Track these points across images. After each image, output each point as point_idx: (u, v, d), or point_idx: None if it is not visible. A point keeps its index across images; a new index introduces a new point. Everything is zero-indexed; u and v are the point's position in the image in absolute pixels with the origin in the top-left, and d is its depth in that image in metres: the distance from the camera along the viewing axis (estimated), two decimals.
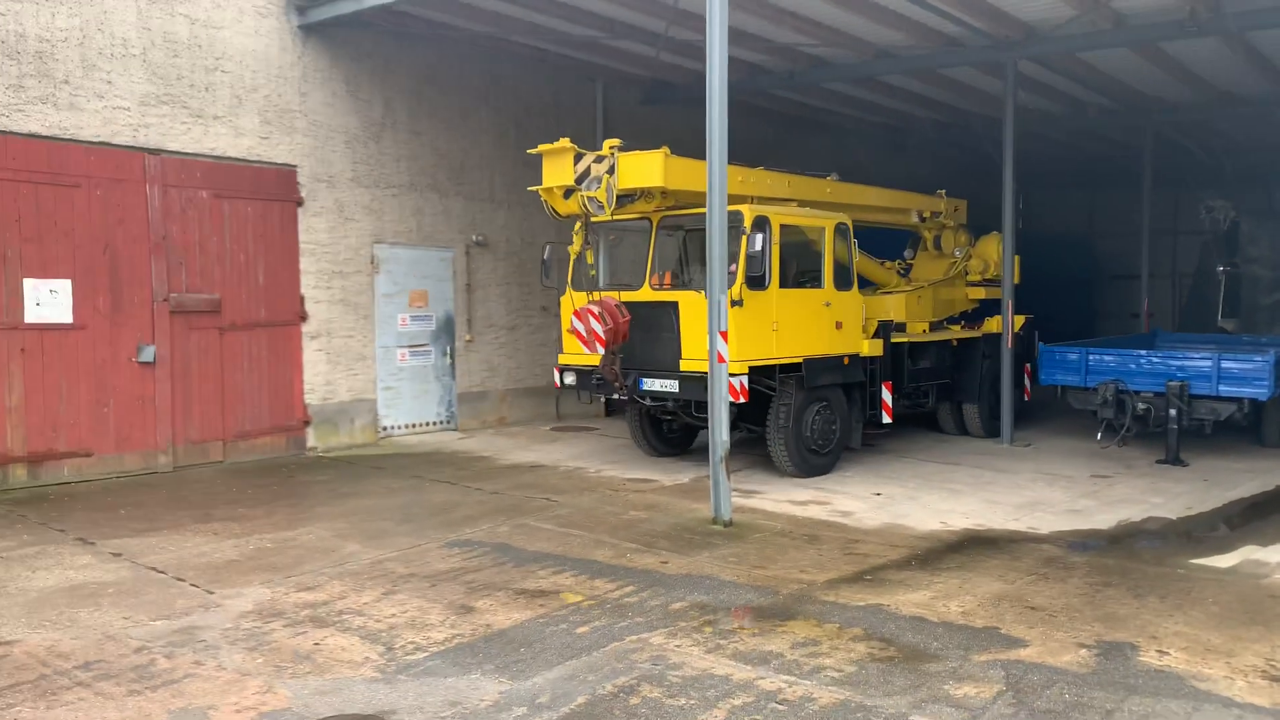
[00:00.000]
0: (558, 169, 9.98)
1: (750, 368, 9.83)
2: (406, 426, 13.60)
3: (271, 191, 11.87)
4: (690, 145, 10.69)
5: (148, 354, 10.83)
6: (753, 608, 6.33)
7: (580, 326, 10.30)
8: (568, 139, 10.00)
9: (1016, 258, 13.69)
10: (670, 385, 10.08)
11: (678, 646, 5.60)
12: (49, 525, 8.54)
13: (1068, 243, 25.22)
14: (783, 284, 10.32)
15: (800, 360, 10.37)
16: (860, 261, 12.57)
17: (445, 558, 7.55)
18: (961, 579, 6.96)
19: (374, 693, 5.01)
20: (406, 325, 13.63)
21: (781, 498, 9.71)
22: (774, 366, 10.18)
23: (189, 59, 11.22)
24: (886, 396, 11.54)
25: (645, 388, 10.23)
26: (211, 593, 6.66)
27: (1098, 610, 6.27)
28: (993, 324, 13.62)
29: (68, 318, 10.29)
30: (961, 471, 11.15)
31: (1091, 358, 12.25)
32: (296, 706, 4.84)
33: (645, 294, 10.42)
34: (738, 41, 12.52)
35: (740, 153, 9.81)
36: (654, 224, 10.60)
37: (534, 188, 10.39)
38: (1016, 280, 13.68)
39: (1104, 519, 8.87)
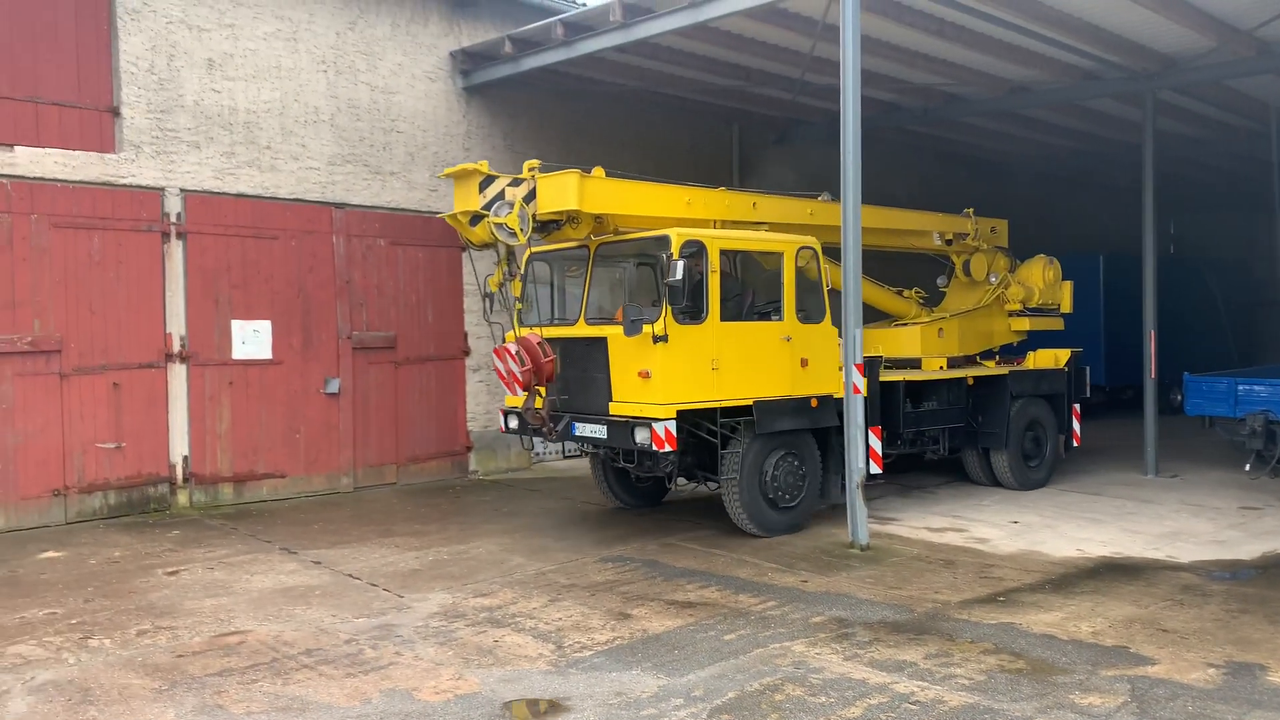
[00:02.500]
0: (464, 194, 9.05)
1: (683, 412, 8.76)
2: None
3: (439, 238, 13.06)
4: (826, 180, 11.29)
5: (333, 386, 12.10)
6: (888, 623, 6.78)
7: (500, 366, 9.34)
8: (475, 163, 9.17)
9: (1068, 284, 13.09)
10: (599, 431, 9.06)
11: (818, 654, 6.13)
12: (257, 537, 9.74)
13: (1222, 268, 24.31)
14: (730, 316, 9.27)
15: (750, 403, 9.14)
16: (870, 291, 11.87)
17: (601, 571, 8.29)
18: (1094, 602, 7.21)
19: (549, 682, 5.74)
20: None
21: (918, 524, 10.06)
22: (715, 410, 9.01)
23: (369, 122, 12.54)
24: (875, 443, 9.89)
25: (578, 433, 9.25)
26: (401, 596, 7.58)
27: (1231, 634, 6.44)
28: (1038, 359, 12.48)
29: (268, 354, 11.65)
30: (1103, 502, 11.19)
31: (1241, 388, 12.06)
32: (485, 691, 5.61)
33: (578, 329, 9.46)
34: (871, 83, 13.04)
35: (875, 185, 10.31)
36: (591, 252, 9.56)
37: (442, 214, 9.67)
38: (1068, 308, 13.07)
39: (1249, 550, 8.86)
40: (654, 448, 8.53)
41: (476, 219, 8.94)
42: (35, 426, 10.15)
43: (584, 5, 13.25)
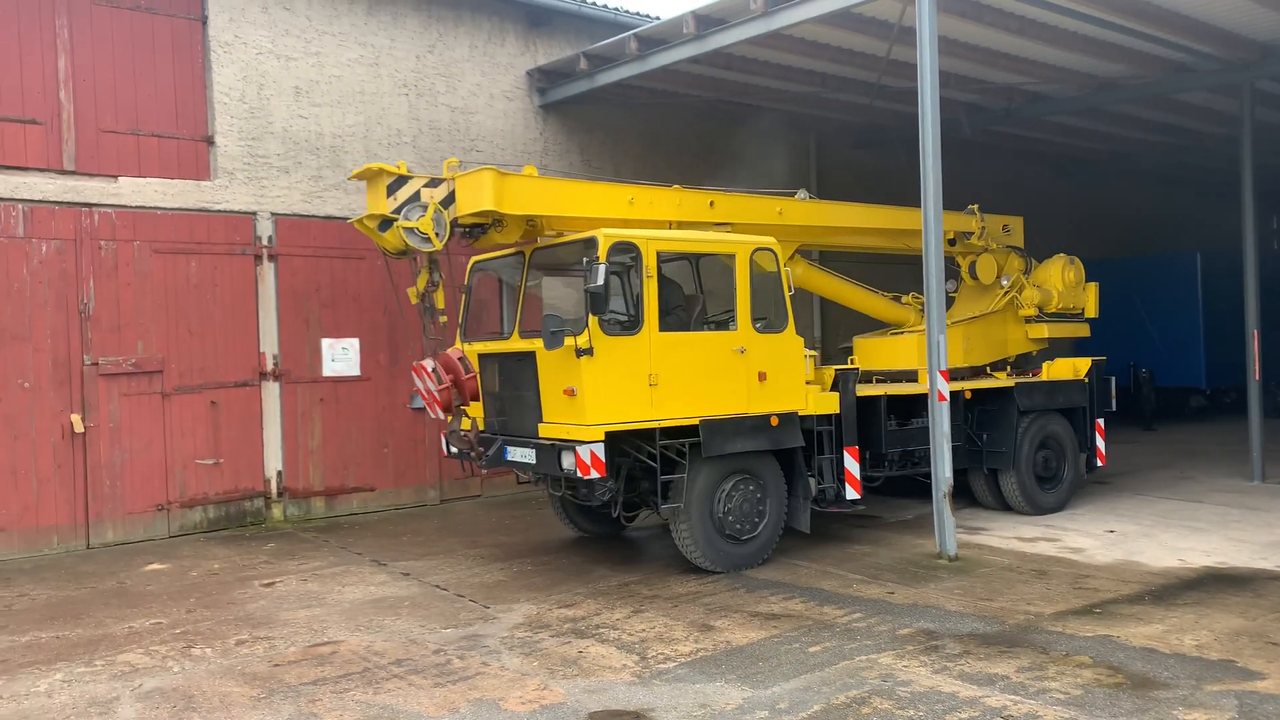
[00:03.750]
0: (374, 198, 8.45)
1: (620, 434, 7.92)
2: None
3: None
4: (905, 184, 11.11)
5: (419, 402, 12.34)
6: (978, 635, 6.62)
7: (419, 385, 8.80)
8: (383, 163, 8.69)
9: (1092, 286, 11.96)
10: (529, 455, 8.25)
11: (905, 666, 6.02)
12: (348, 549, 9.99)
13: None
14: (676, 325, 8.47)
15: (696, 422, 8.18)
16: (861, 297, 11.28)
17: (683, 582, 8.28)
18: (1198, 614, 6.92)
19: (633, 694, 5.75)
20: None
21: (1009, 534, 9.80)
22: (654, 431, 8.04)
23: (449, 142, 12.82)
24: (851, 465, 9.06)
25: (510, 457, 8.51)
26: (487, 607, 7.69)
27: None
28: (1055, 369, 11.32)
29: (356, 371, 11.98)
30: (1204, 509, 10.74)
31: None
32: (570, 702, 5.65)
33: (510, 344, 8.59)
34: (950, 84, 12.82)
35: (955, 187, 10.09)
36: (526, 259, 8.76)
37: (351, 220, 8.97)
38: (1093, 313, 11.96)
39: None
40: (579, 474, 7.67)
41: (388, 224, 8.30)
42: (140, 444, 10.61)
43: (657, 18, 13.33)
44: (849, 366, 9.49)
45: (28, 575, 9.19)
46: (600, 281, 7.61)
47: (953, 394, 9.91)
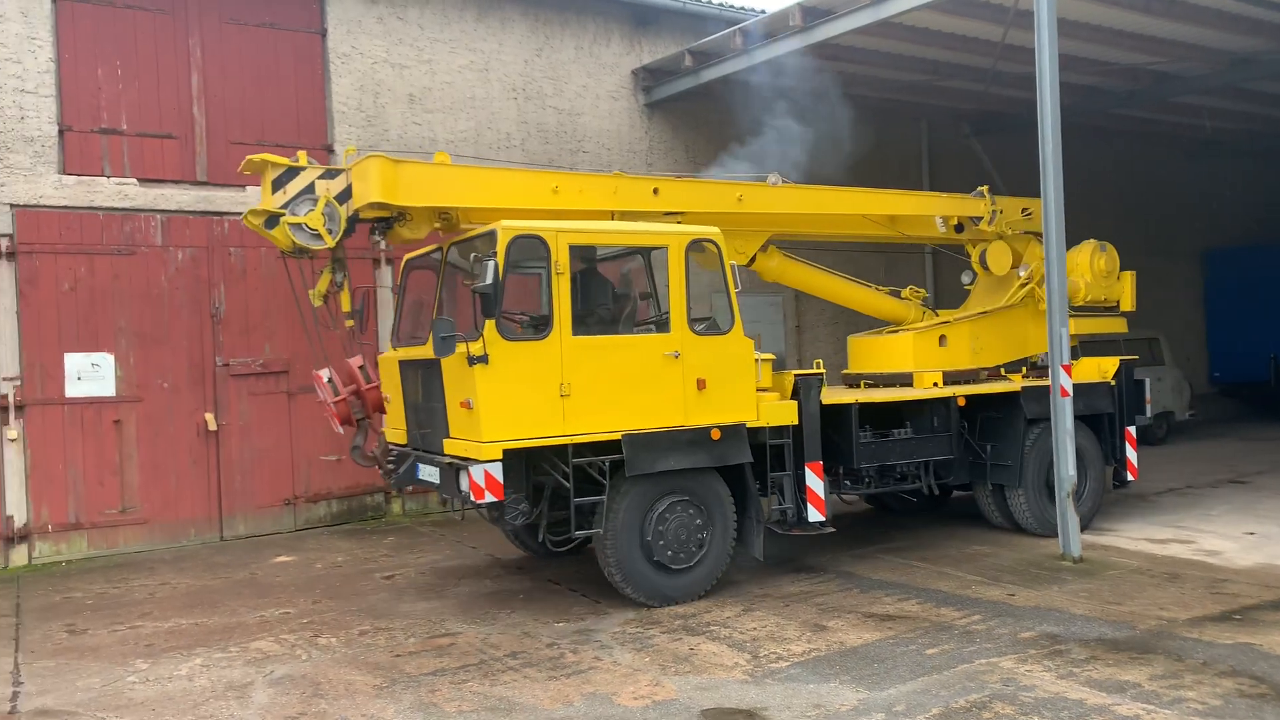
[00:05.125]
0: (264, 192, 7.76)
1: (525, 451, 7.08)
2: None
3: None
4: (1025, 172, 10.65)
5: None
6: (1106, 640, 6.34)
7: (321, 395, 8.19)
8: (269, 155, 7.85)
9: (1128, 275, 10.46)
10: (434, 474, 7.51)
11: (1028, 671, 5.82)
12: (464, 543, 10.25)
13: None
14: (599, 328, 7.65)
15: (619, 437, 7.26)
16: (851, 291, 10.30)
17: (794, 581, 8.19)
18: None
19: (745, 692, 5.72)
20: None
21: (1138, 535, 9.37)
22: (566, 448, 7.17)
23: (556, 144, 12.99)
24: (814, 483, 8.08)
25: (420, 475, 7.77)
26: (598, 602, 7.76)
27: None
28: (1080, 370, 9.91)
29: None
30: None
31: None
32: (682, 698, 5.66)
33: (424, 350, 7.39)
34: (1070, 67, 12.32)
35: (1075, 175, 9.65)
36: (444, 253, 7.95)
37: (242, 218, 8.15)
38: (1129, 305, 10.53)
39: None
40: (471, 498, 6.89)
41: (276, 221, 7.59)
42: (269, 442, 11.11)
43: (763, 12, 13.21)
44: (811, 371, 8.34)
45: (169, 565, 9.73)
46: (490, 280, 6.85)
47: (945, 401, 9.08)
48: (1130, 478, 10.04)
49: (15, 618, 7.94)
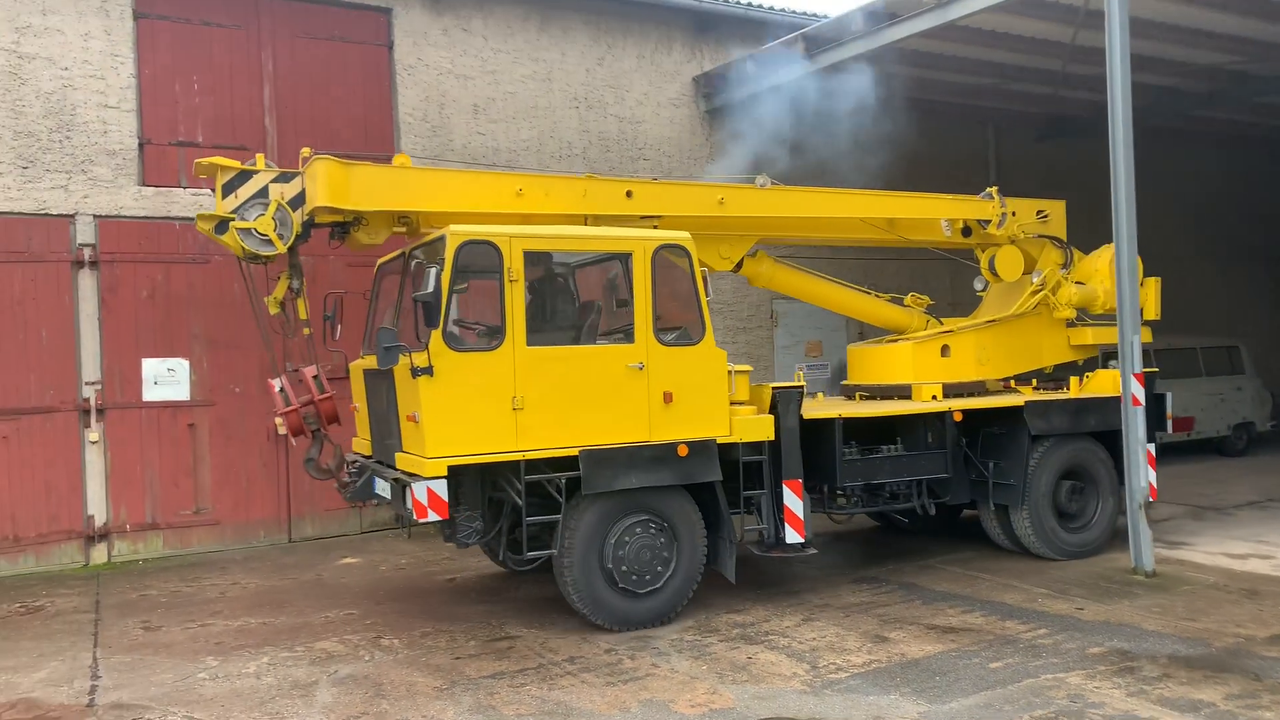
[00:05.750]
0: (217, 197, 7.50)
1: (461, 467, 6.75)
2: None
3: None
4: (1097, 176, 10.33)
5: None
6: (1180, 657, 6.14)
7: (277, 405, 7.92)
8: (219, 158, 7.57)
9: (1153, 282, 9.70)
10: (385, 489, 7.23)
11: (1096, 688, 5.66)
12: None
13: None
14: (559, 338, 7.39)
15: (576, 453, 6.93)
16: (850, 299, 9.89)
17: (855, 591, 8.09)
18: None
19: (803, 702, 5.67)
20: (803, 374, 14.45)
21: (1215, 549, 9.07)
22: (519, 464, 6.82)
23: (618, 152, 13.06)
24: (793, 502, 7.66)
25: (376, 489, 7.45)
26: None
27: None
28: (1095, 382, 9.36)
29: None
30: None
31: None
32: (739, 707, 5.63)
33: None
34: (1144, 68, 12.02)
35: (1149, 179, 9.35)
36: (405, 259, 7.65)
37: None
38: (1154, 314, 9.71)
39: None
40: (414, 516, 6.59)
41: (225, 226, 7.35)
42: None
43: (825, 17, 13.12)
44: (789, 384, 7.89)
45: (239, 565, 9.99)
46: (431, 288, 6.58)
47: (940, 415, 8.56)
48: (1150, 499, 8.95)
49: (94, 614, 8.23)
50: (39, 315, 10.10)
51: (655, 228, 7.98)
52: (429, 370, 6.54)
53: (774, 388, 7.80)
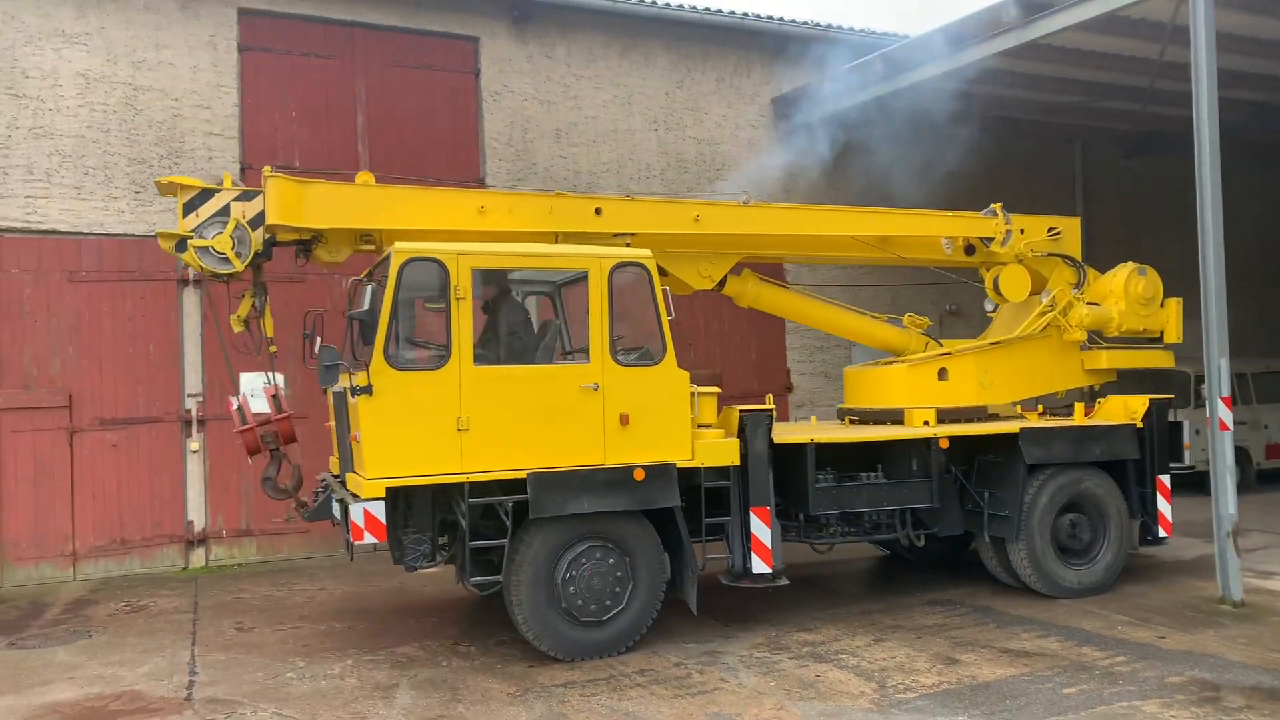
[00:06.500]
0: (178, 215, 7.42)
1: (404, 489, 6.65)
2: None
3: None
4: (1190, 193, 10.06)
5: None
6: (1265, 689, 5.98)
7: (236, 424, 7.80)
8: (179, 176, 7.67)
9: (1174, 303, 9.40)
10: (338, 510, 7.09)
11: (1173, 716, 5.56)
12: None
13: None
14: (501, 357, 7.17)
15: (524, 476, 6.74)
16: (843, 320, 9.49)
17: (928, 614, 8.05)
18: None
19: None
20: None
21: None
22: (463, 486, 6.67)
23: (695, 172, 13.25)
24: (761, 530, 7.35)
25: (333, 510, 7.29)
26: (727, 626, 7.85)
27: None
28: (1105, 409, 9.00)
29: None
30: None
31: None
32: None
33: (344, 379, 6.95)
34: (1235, 84, 11.73)
35: (1243, 197, 9.13)
36: (371, 276, 7.49)
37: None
38: (1174, 337, 9.40)
39: None
40: (349, 538, 6.52)
41: (185, 245, 7.30)
42: None
43: (905, 37, 13.12)
44: (757, 407, 7.60)
45: (326, 572, 10.39)
46: (367, 306, 6.62)
47: (918, 442, 8.16)
48: (1163, 534, 8.77)
49: (193, 614, 8.68)
50: (147, 331, 10.72)
51: (628, 245, 7.78)
52: (368, 389, 6.48)
53: (742, 411, 7.53)
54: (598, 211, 7.84)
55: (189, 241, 7.26)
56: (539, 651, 7.11)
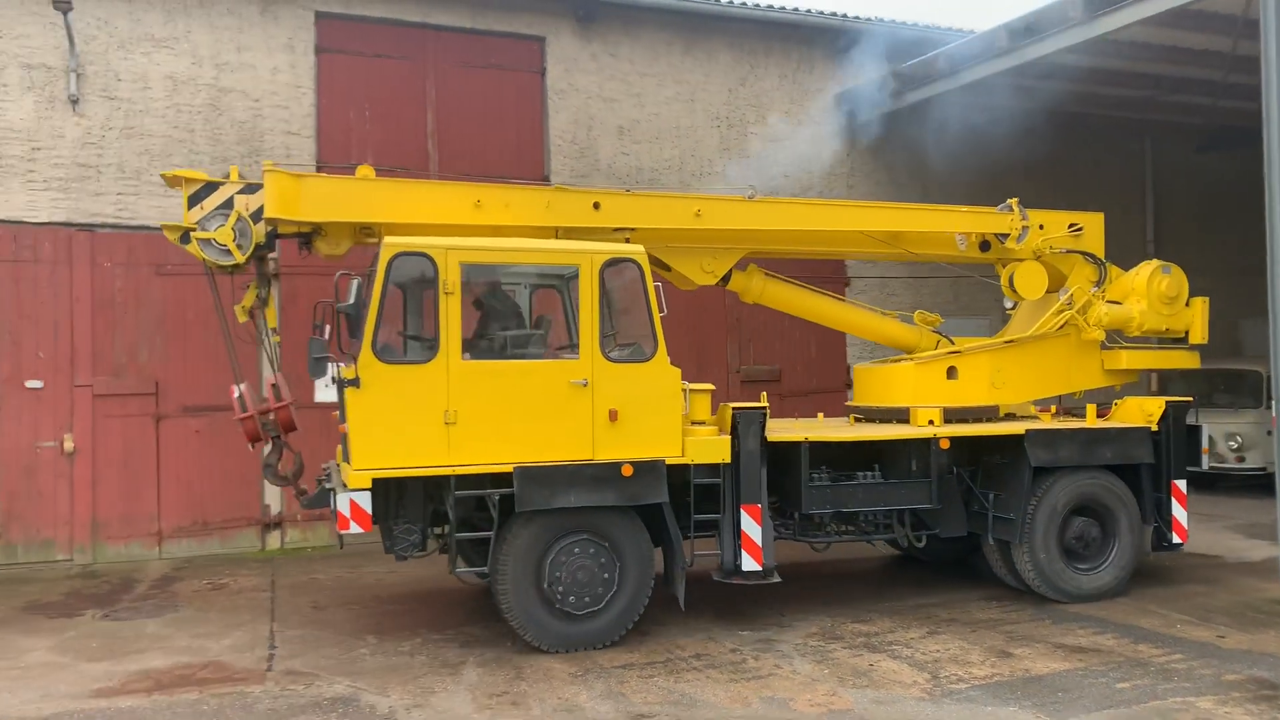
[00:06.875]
0: (183, 208, 7.53)
1: (396, 480, 6.78)
2: None
3: (824, 275, 13.49)
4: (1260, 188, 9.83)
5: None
6: None
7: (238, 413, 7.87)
8: (184, 170, 7.89)
9: (1200, 302, 9.14)
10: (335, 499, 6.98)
11: (1227, 713, 5.58)
12: None
13: None
14: (490, 352, 7.21)
15: (510, 470, 6.82)
16: (852, 316, 9.44)
17: (984, 608, 8.11)
18: None
19: (921, 709, 5.82)
20: None
21: None
22: (450, 479, 6.80)
23: (757, 170, 13.28)
24: (751, 528, 7.36)
25: (334, 505, 7.07)
26: (783, 615, 8.01)
27: None
28: (1122, 411, 8.84)
29: None
30: None
31: None
32: (857, 709, 5.83)
33: (345, 371, 7.02)
34: None
35: None
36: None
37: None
38: (1200, 337, 9.14)
39: None
40: (338, 529, 6.65)
41: (189, 236, 7.41)
42: None
43: (971, 33, 13.06)
44: (750, 405, 7.55)
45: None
46: (351, 300, 6.77)
47: (917, 442, 8.02)
48: (1178, 540, 8.54)
49: (271, 593, 9.11)
50: (230, 322, 11.15)
51: (627, 240, 7.81)
52: (355, 382, 6.63)
53: (734, 408, 7.50)
54: (596, 206, 7.82)
55: (192, 234, 7.39)
56: None
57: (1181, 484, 8.57)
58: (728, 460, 7.37)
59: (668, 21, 12.95)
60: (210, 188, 7.49)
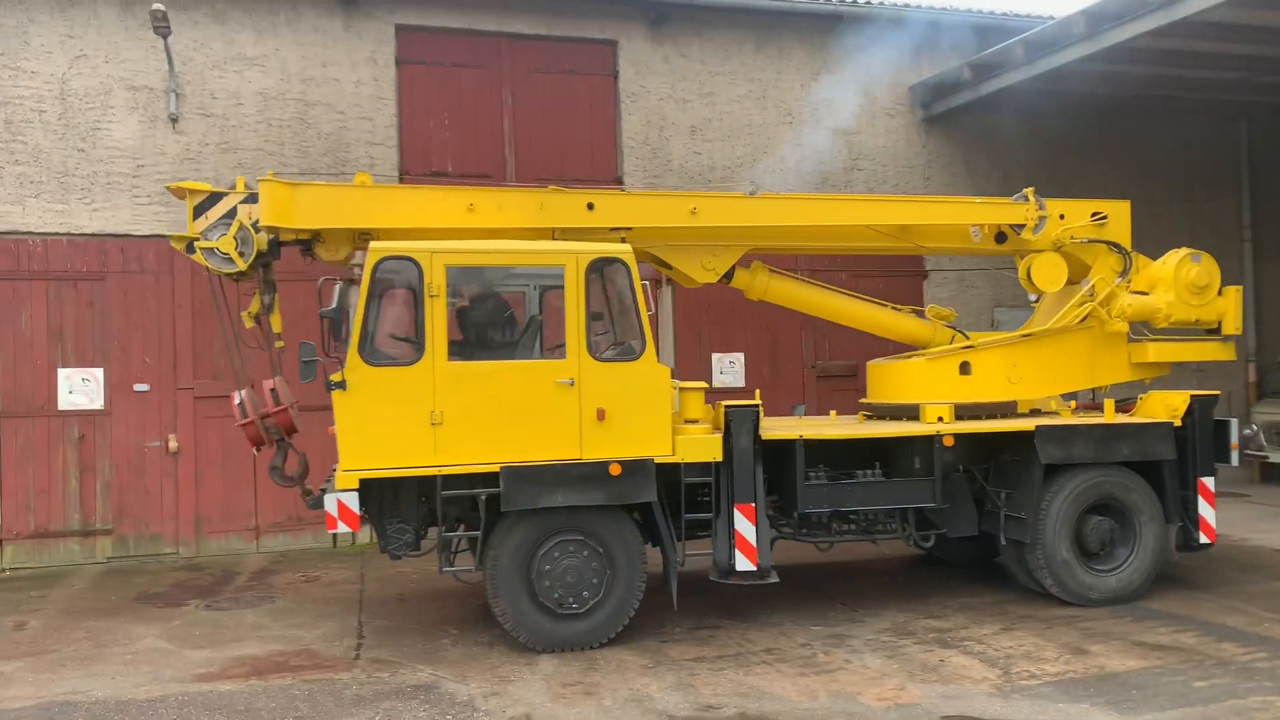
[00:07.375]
0: (188, 218, 7.65)
1: (387, 480, 6.91)
2: None
3: (902, 268, 13.40)
4: None
5: (799, 412, 12.95)
6: None
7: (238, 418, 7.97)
8: (188, 181, 8.00)
9: (1233, 291, 8.73)
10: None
11: None
12: None
13: None
14: (477, 353, 7.31)
15: (497, 469, 6.89)
16: (861, 311, 9.20)
17: (1061, 605, 8.00)
18: None
19: (990, 704, 5.83)
20: None
21: None
22: (436, 479, 6.90)
23: (831, 164, 13.33)
24: (745, 528, 7.27)
25: (329, 508, 7.03)
26: (855, 611, 8.05)
27: None
28: (1148, 405, 8.53)
29: (740, 383, 12.88)
30: None
31: None
32: (925, 704, 5.87)
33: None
34: None
35: None
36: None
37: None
38: (1234, 328, 8.69)
39: None
40: (326, 528, 6.81)
41: (194, 246, 7.58)
42: None
43: (1050, 18, 12.80)
44: (746, 403, 7.44)
45: None
46: (335, 304, 6.92)
47: (928, 439, 7.81)
48: (1204, 540, 8.22)
49: (360, 585, 9.53)
50: (316, 326, 11.63)
51: (624, 240, 7.82)
52: (342, 384, 6.79)
53: (726, 406, 7.44)
54: (590, 206, 7.83)
55: (196, 243, 7.58)
56: (671, 630, 7.52)
57: (1209, 481, 8.24)
58: (720, 459, 7.32)
59: (738, 20, 13.01)
60: (215, 198, 7.68)
